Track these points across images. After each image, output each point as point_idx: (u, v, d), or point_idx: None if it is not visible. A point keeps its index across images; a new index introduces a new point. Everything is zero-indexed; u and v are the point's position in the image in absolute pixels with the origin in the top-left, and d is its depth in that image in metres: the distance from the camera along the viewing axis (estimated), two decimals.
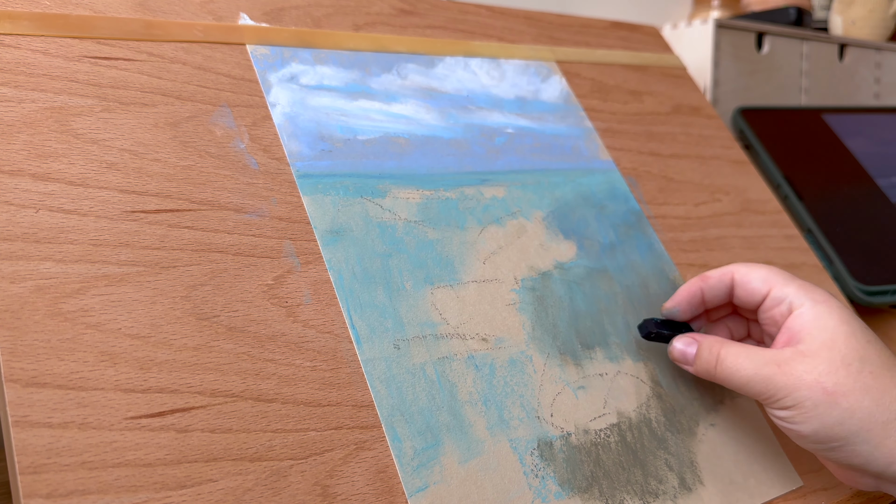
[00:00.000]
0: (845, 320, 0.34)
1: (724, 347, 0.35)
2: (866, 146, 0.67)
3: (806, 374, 0.32)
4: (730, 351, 0.35)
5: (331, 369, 0.32)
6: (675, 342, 0.38)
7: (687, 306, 0.39)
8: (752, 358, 0.34)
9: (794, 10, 0.80)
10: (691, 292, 0.38)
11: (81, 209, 0.30)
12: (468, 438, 0.32)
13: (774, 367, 0.33)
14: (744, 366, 0.34)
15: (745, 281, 0.37)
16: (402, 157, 0.40)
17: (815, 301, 0.35)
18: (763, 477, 0.38)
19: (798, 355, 0.33)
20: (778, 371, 0.33)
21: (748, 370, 0.34)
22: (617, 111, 0.51)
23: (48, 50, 0.33)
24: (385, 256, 0.36)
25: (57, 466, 0.25)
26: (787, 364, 0.33)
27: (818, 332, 0.34)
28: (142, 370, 0.28)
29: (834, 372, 0.32)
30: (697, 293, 0.38)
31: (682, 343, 0.37)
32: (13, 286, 0.27)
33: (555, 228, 0.42)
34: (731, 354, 0.35)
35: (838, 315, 0.34)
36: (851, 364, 0.32)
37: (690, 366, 0.37)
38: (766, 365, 0.33)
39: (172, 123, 0.34)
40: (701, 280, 0.38)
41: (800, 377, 0.32)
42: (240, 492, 0.27)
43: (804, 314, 0.34)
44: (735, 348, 0.35)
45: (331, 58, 0.42)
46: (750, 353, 0.35)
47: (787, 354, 0.33)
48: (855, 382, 0.32)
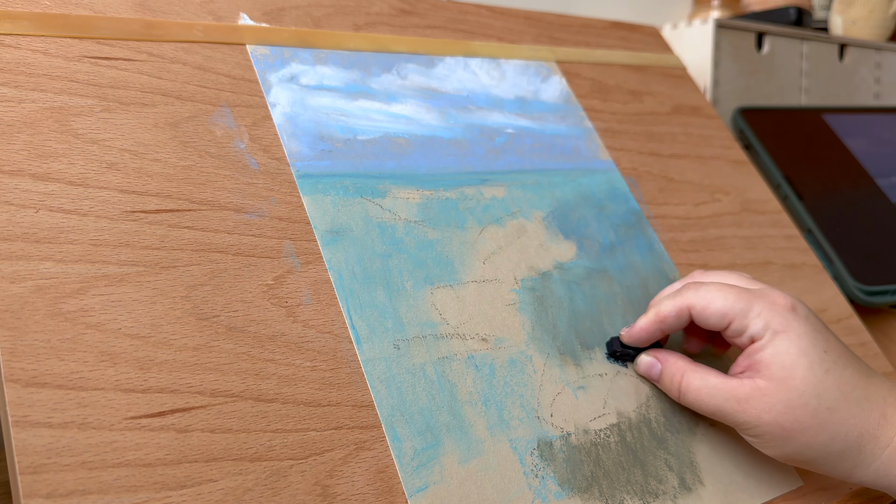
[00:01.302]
0: (804, 351, 0.34)
1: (685, 378, 0.36)
2: (866, 146, 0.67)
3: (764, 413, 0.34)
4: (691, 384, 0.36)
5: (331, 369, 0.32)
6: (639, 359, 0.39)
7: (645, 343, 0.38)
8: (712, 393, 0.35)
9: (794, 10, 0.80)
10: (649, 331, 0.38)
11: (81, 209, 0.30)
12: (468, 438, 0.32)
13: (735, 403, 0.34)
14: (705, 401, 0.36)
15: (703, 317, 0.36)
16: (402, 157, 0.40)
17: (774, 332, 0.35)
18: (763, 477, 0.38)
19: (757, 392, 0.34)
20: (738, 409, 0.34)
21: (710, 405, 0.35)
22: (617, 111, 0.51)
23: (48, 50, 0.33)
24: (385, 256, 0.36)
25: (57, 466, 0.25)
26: (746, 402, 0.34)
27: (776, 369, 0.34)
28: (142, 370, 0.28)
29: (791, 411, 0.33)
30: (656, 332, 0.38)
31: (645, 365, 0.39)
32: (13, 286, 0.27)
33: (555, 228, 0.42)
34: (693, 389, 0.36)
35: (797, 346, 0.34)
36: (808, 403, 0.33)
37: (657, 382, 0.38)
38: (727, 401, 0.35)
39: (172, 123, 0.34)
40: (658, 321, 0.37)
41: (758, 416, 0.34)
42: (240, 492, 0.27)
43: (764, 347, 0.35)
44: (696, 380, 0.36)
45: (331, 58, 0.42)
46: (710, 386, 0.35)
47: (746, 389, 0.34)
48: (812, 420, 0.33)
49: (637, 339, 0.38)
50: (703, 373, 0.36)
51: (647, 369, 0.38)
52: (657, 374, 0.38)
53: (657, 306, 0.38)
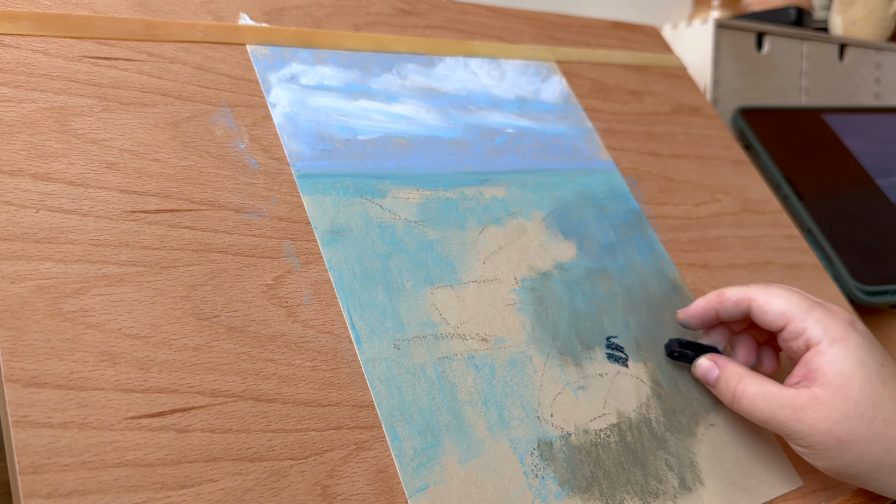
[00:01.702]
0: (862, 362, 0.34)
1: (742, 384, 0.36)
2: (866, 146, 0.67)
3: (819, 422, 0.33)
4: (747, 390, 0.36)
5: (331, 369, 0.32)
6: (698, 362, 0.39)
7: (699, 322, 0.39)
8: (768, 400, 0.35)
9: (794, 10, 0.80)
10: (706, 310, 0.39)
11: (81, 209, 0.30)
12: (468, 438, 0.32)
13: (790, 412, 0.34)
14: (760, 407, 0.35)
15: (763, 312, 0.37)
16: (402, 157, 0.40)
17: (832, 339, 0.35)
18: (763, 477, 0.38)
19: (813, 401, 0.34)
20: (793, 417, 0.34)
21: (765, 412, 0.35)
22: (617, 111, 0.51)
23: (48, 50, 0.33)
24: (385, 256, 0.36)
25: (57, 466, 0.25)
26: (802, 410, 0.34)
27: (834, 377, 0.34)
28: (142, 370, 0.28)
29: (847, 421, 0.33)
30: (712, 312, 0.38)
31: (703, 368, 0.39)
32: (13, 286, 0.27)
33: (555, 228, 0.42)
34: (748, 395, 0.36)
35: (855, 357, 0.34)
36: (864, 413, 0.33)
37: (712, 387, 0.38)
38: (782, 409, 0.34)
39: (172, 123, 0.34)
40: (718, 300, 0.38)
41: (813, 425, 0.33)
42: (240, 492, 0.27)
43: (821, 353, 0.35)
44: (752, 387, 0.36)
45: (331, 58, 0.42)
46: (767, 393, 0.35)
47: (802, 399, 0.34)
48: (867, 431, 0.33)
49: (692, 315, 0.39)
50: (760, 380, 0.36)
51: (705, 372, 0.38)
52: (714, 378, 0.38)
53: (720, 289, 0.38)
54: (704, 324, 0.39)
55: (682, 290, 0.44)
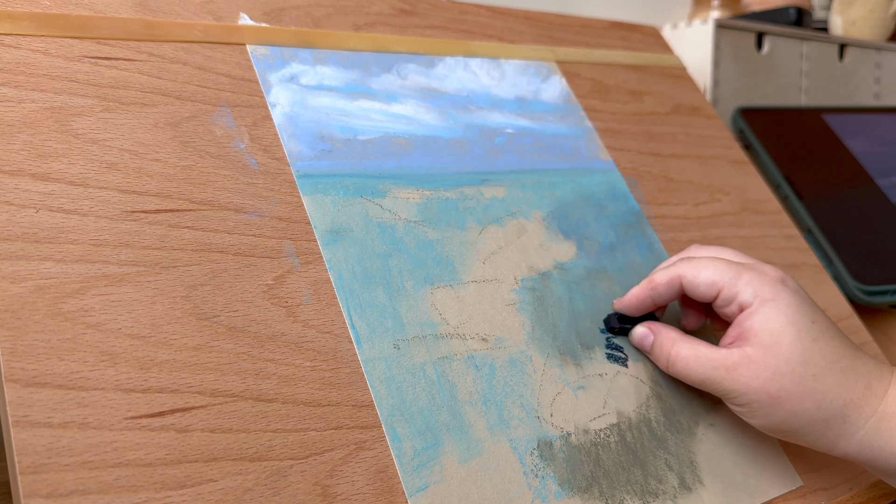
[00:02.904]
0: (792, 320, 0.35)
1: (675, 347, 0.37)
2: (866, 146, 0.67)
3: (752, 380, 0.34)
4: (679, 353, 0.37)
5: (331, 369, 0.32)
6: (634, 330, 0.40)
7: (636, 311, 0.39)
8: (701, 362, 0.36)
9: (794, 10, 0.80)
10: (640, 298, 0.39)
11: (81, 209, 0.30)
12: (468, 438, 0.32)
13: (723, 371, 0.35)
14: (694, 369, 0.36)
15: (693, 286, 0.37)
16: (402, 157, 0.40)
17: (763, 300, 0.35)
18: (763, 477, 0.38)
19: (745, 360, 0.34)
20: (727, 376, 0.35)
21: (699, 373, 0.36)
22: (617, 111, 0.51)
23: (48, 50, 0.33)
24: (385, 256, 0.36)
25: (57, 466, 0.25)
26: (734, 370, 0.35)
27: (764, 336, 0.34)
28: (142, 370, 0.28)
29: (777, 378, 0.34)
30: (647, 300, 0.39)
31: (638, 336, 0.39)
32: (13, 286, 0.27)
33: (555, 228, 0.42)
34: (682, 358, 0.36)
35: (785, 314, 0.35)
36: (795, 370, 0.34)
37: (648, 353, 0.39)
38: (715, 370, 0.35)
39: (172, 123, 0.34)
40: (650, 288, 0.38)
41: (746, 383, 0.34)
42: (240, 492, 0.27)
43: (752, 314, 0.35)
44: (685, 350, 0.36)
45: (331, 58, 0.42)
46: (700, 355, 0.36)
47: (734, 358, 0.35)
48: (798, 387, 0.34)
49: (628, 306, 0.39)
50: (693, 343, 0.37)
51: (641, 339, 0.39)
52: (649, 344, 0.39)
53: (650, 276, 0.39)
54: (642, 311, 0.39)
55: None
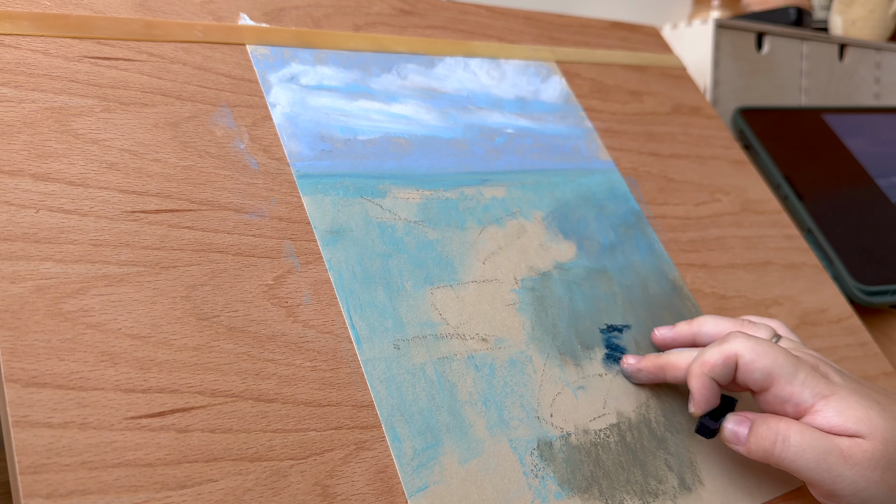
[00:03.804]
0: (863, 404, 0.32)
1: (784, 423, 0.32)
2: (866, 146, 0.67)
3: (870, 470, 0.30)
4: (790, 429, 0.32)
5: (331, 369, 0.32)
6: (725, 422, 0.35)
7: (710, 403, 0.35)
8: (815, 441, 0.31)
9: (794, 10, 0.80)
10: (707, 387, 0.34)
11: (81, 209, 0.30)
12: (468, 438, 0.32)
13: (839, 457, 0.31)
14: (808, 448, 0.31)
15: (748, 370, 0.33)
16: (402, 157, 0.40)
17: (823, 396, 0.32)
18: (763, 477, 0.38)
19: (856, 446, 0.31)
20: (844, 463, 0.31)
21: (813, 455, 0.31)
22: (617, 111, 0.51)
23: (48, 50, 0.33)
24: (385, 256, 0.36)
25: (57, 466, 0.25)
26: (851, 455, 0.31)
27: (854, 424, 0.31)
28: (142, 370, 0.28)
29: (892, 466, 0.30)
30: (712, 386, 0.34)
31: (732, 423, 0.34)
32: (13, 286, 0.27)
33: (555, 229, 0.42)
34: (793, 434, 0.32)
35: (855, 401, 0.32)
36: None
37: (742, 446, 0.34)
38: (831, 453, 0.31)
39: (172, 123, 0.34)
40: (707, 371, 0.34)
41: (866, 475, 0.30)
42: (240, 492, 0.27)
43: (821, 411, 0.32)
44: (796, 427, 0.32)
45: (331, 58, 0.42)
46: (812, 433, 0.32)
47: (846, 443, 0.31)
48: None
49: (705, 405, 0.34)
50: (799, 426, 0.32)
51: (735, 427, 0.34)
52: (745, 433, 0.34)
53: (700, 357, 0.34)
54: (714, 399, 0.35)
55: (682, 290, 0.44)
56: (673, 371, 0.37)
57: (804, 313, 0.48)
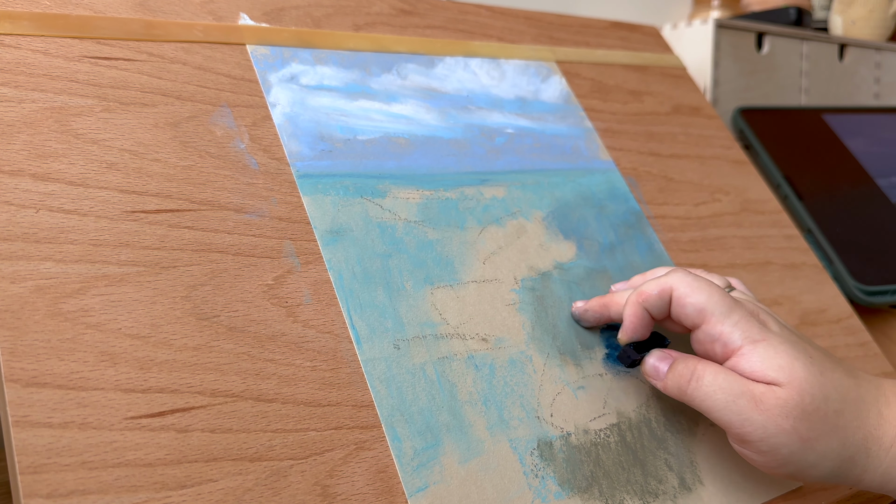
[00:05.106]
0: (792, 355, 0.32)
1: (701, 364, 0.33)
2: (866, 146, 0.67)
3: (782, 418, 0.31)
4: (706, 369, 0.33)
5: (331, 369, 0.32)
6: (647, 357, 0.36)
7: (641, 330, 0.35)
8: (729, 383, 0.32)
9: (794, 10, 0.80)
10: (637, 315, 0.35)
11: (81, 209, 0.30)
12: (468, 438, 0.32)
13: (750, 400, 0.31)
14: (720, 388, 0.32)
15: (681, 304, 0.34)
16: (402, 157, 0.40)
17: (753, 340, 0.32)
18: (763, 477, 0.38)
19: (770, 393, 0.31)
20: (755, 407, 0.31)
21: (724, 395, 0.32)
22: (617, 111, 0.51)
23: (48, 50, 0.33)
24: (385, 256, 0.36)
25: (57, 466, 0.25)
26: (763, 400, 0.31)
27: (775, 373, 0.31)
28: (142, 370, 0.28)
29: (806, 416, 0.31)
30: (643, 314, 0.35)
31: (654, 358, 0.36)
32: (13, 286, 0.27)
33: (555, 228, 0.42)
34: (708, 373, 0.32)
35: (784, 351, 0.32)
36: (819, 407, 0.31)
37: (660, 381, 0.35)
38: (742, 395, 0.31)
39: (172, 123, 0.34)
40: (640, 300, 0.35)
41: (777, 422, 0.31)
42: (240, 492, 0.27)
43: (747, 355, 0.32)
44: (712, 367, 0.33)
45: (331, 58, 0.42)
46: (727, 375, 0.32)
47: (761, 388, 0.31)
48: (824, 425, 0.31)
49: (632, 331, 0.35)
50: (715, 367, 0.33)
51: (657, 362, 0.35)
52: (665, 369, 0.35)
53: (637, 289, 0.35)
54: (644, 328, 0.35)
55: None
56: (616, 307, 0.37)
57: (804, 313, 0.48)
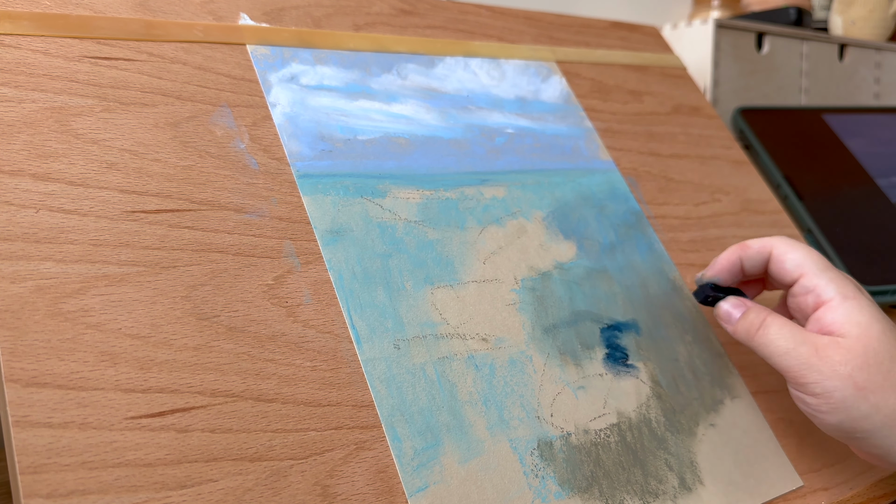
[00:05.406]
0: (876, 318, 0.34)
1: (771, 315, 0.36)
2: (866, 146, 0.67)
3: (840, 365, 0.33)
4: (774, 320, 0.36)
5: (331, 369, 0.32)
6: (722, 303, 0.39)
7: (727, 275, 0.39)
8: (793, 333, 0.35)
9: (794, 10, 0.80)
10: (731, 261, 0.39)
11: (82, 209, 0.30)
12: (468, 438, 0.32)
13: (812, 348, 0.34)
14: (785, 336, 0.35)
15: (781, 259, 0.37)
16: (403, 157, 0.40)
17: (844, 296, 0.35)
18: (763, 477, 0.38)
19: (834, 344, 0.34)
20: (815, 354, 0.34)
21: (786, 343, 0.35)
22: (617, 111, 0.51)
23: (48, 50, 0.33)
24: (385, 256, 0.36)
25: (57, 466, 0.25)
26: (824, 350, 0.34)
27: (851, 327, 0.34)
28: (142, 370, 0.28)
29: (866, 367, 0.33)
30: (737, 262, 0.39)
31: (730, 304, 0.38)
32: (13, 286, 0.27)
33: (555, 228, 0.42)
34: (776, 324, 0.35)
35: (869, 312, 0.34)
36: (883, 362, 0.33)
37: (731, 325, 0.38)
38: (804, 344, 0.34)
39: (172, 123, 0.34)
40: (741, 249, 0.39)
41: (834, 368, 0.33)
42: (240, 492, 0.27)
43: (835, 308, 0.35)
44: (781, 319, 0.36)
45: (331, 58, 0.42)
46: (793, 327, 0.35)
47: (825, 340, 0.34)
48: (885, 380, 0.33)
49: (720, 271, 0.39)
50: (784, 320, 0.36)
51: (731, 308, 0.38)
52: (738, 315, 0.38)
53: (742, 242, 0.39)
54: (731, 276, 0.39)
55: (682, 291, 0.44)
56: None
57: None
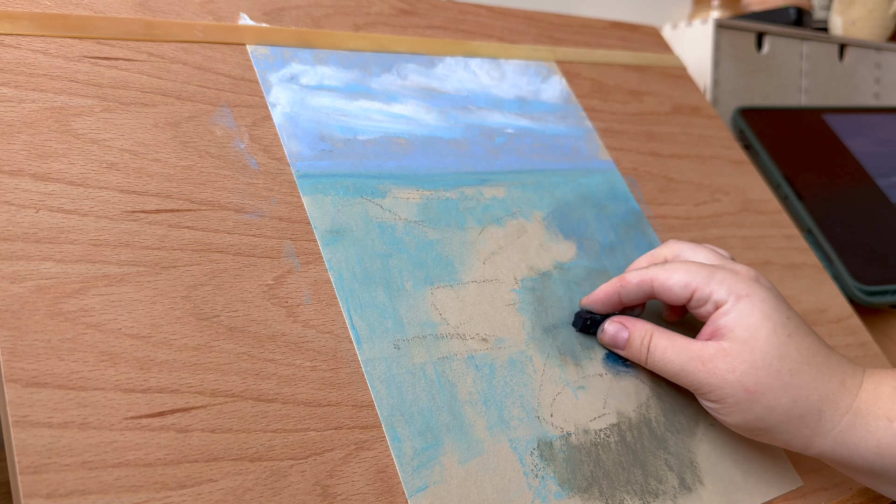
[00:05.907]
0: (767, 315, 0.35)
1: (654, 338, 0.37)
2: (866, 146, 0.67)
3: (728, 373, 0.34)
4: (658, 343, 0.36)
5: (331, 369, 0.32)
6: (605, 326, 0.38)
7: (602, 307, 0.39)
8: (678, 353, 0.36)
9: (794, 10, 0.80)
10: (608, 294, 0.38)
11: (81, 209, 0.30)
12: (468, 438, 0.32)
13: (699, 363, 0.35)
14: (671, 359, 0.36)
15: (666, 288, 0.37)
16: (403, 157, 0.40)
17: (737, 296, 0.35)
18: (763, 477, 0.38)
19: (720, 353, 0.34)
20: (702, 368, 0.34)
21: (675, 364, 0.36)
22: (617, 111, 0.51)
23: (48, 50, 0.33)
24: (385, 256, 0.36)
25: (57, 466, 0.25)
26: (710, 362, 0.34)
27: (740, 330, 0.34)
28: (142, 370, 0.28)
29: (754, 371, 0.34)
30: (614, 296, 0.38)
31: (612, 328, 0.38)
32: (13, 286, 0.27)
33: (555, 228, 0.42)
34: (660, 347, 0.36)
35: (760, 310, 0.35)
36: (771, 363, 0.34)
37: (622, 350, 0.38)
38: (691, 361, 0.35)
39: (172, 123, 0.34)
40: (619, 284, 0.38)
41: (722, 377, 0.34)
42: (240, 492, 0.27)
43: (727, 311, 0.35)
44: (663, 340, 0.36)
45: (331, 58, 0.42)
46: (677, 346, 0.36)
47: (710, 350, 0.35)
48: (774, 381, 0.33)
49: (595, 301, 0.38)
50: (670, 334, 0.36)
51: (614, 334, 0.38)
52: (623, 341, 0.38)
53: (623, 274, 0.38)
54: (608, 308, 0.39)
55: None
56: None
57: (804, 313, 0.48)
